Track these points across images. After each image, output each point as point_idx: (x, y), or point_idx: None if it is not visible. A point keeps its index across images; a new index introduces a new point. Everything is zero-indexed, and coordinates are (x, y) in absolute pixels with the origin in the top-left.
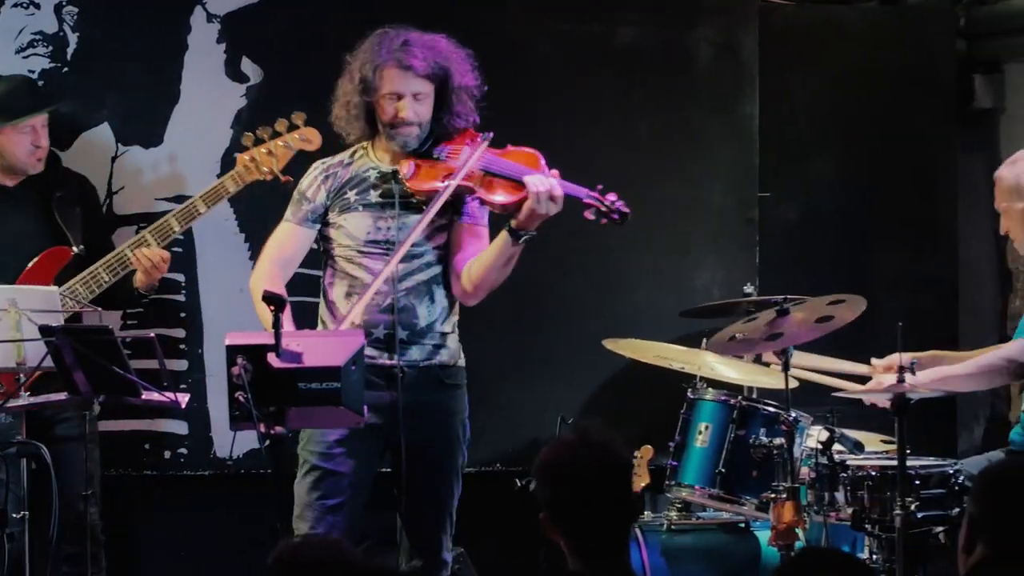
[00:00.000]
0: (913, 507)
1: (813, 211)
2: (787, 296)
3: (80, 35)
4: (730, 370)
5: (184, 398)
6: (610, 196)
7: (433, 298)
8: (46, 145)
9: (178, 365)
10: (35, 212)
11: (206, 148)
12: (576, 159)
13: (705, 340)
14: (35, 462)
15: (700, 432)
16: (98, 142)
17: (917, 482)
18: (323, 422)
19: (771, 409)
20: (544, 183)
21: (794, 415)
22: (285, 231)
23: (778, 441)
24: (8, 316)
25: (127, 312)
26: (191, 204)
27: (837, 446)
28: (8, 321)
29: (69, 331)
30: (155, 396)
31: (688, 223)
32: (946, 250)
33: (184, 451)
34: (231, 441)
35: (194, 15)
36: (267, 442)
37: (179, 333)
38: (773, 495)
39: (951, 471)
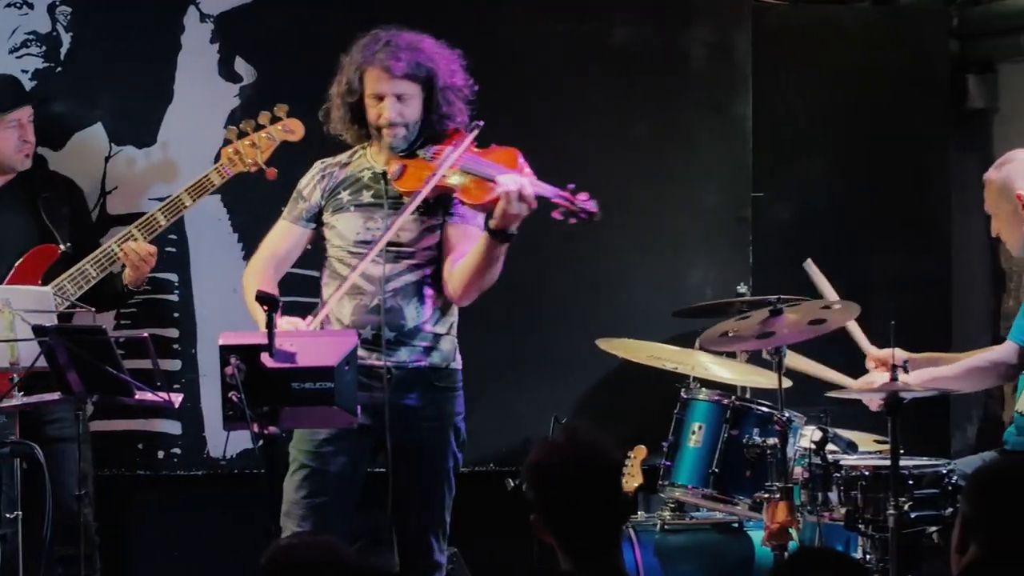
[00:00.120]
0: (906, 507)
1: (806, 211)
2: (780, 296)
3: (73, 35)
4: (723, 370)
5: (177, 398)
6: (580, 196)
7: (423, 299)
8: (33, 140)
9: (171, 365)
10: (22, 211)
11: (200, 148)
12: (570, 159)
13: (698, 340)
14: (27, 462)
15: (693, 432)
16: (91, 142)
17: (910, 482)
18: (317, 422)
19: (764, 409)
20: (515, 182)
21: (787, 415)
22: (280, 229)
23: (771, 441)
24: (2, 316)
25: (120, 312)
26: (176, 198)
27: (830, 446)
28: (2, 321)
29: (63, 331)
30: (148, 396)
31: (681, 223)
32: (939, 250)
33: (177, 451)
34: (224, 441)
35: (187, 15)
36: (260, 442)
37: (172, 333)
38: (766, 495)
39: (944, 471)
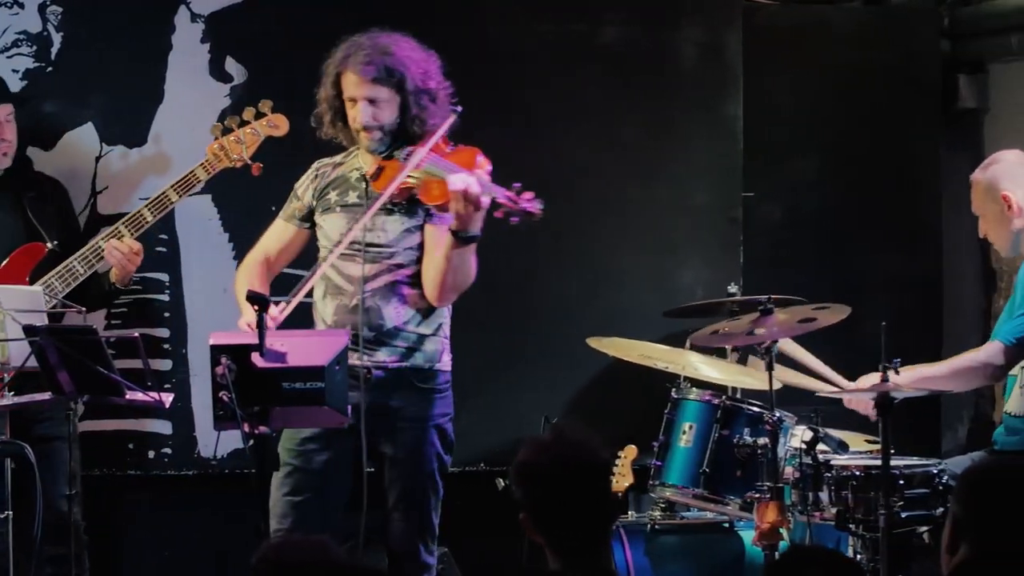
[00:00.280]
0: (897, 507)
1: (797, 211)
2: (771, 296)
3: (64, 35)
4: (714, 371)
5: (168, 398)
6: (525, 195)
7: (404, 299)
8: (12, 139)
9: (162, 365)
10: (8, 210)
11: (190, 147)
12: (560, 159)
13: (689, 339)
14: (15, 461)
15: (684, 432)
16: (82, 142)
17: (901, 482)
18: (307, 422)
19: (755, 409)
20: (462, 182)
21: (778, 415)
22: (274, 228)
23: (762, 441)
24: None
25: (111, 312)
26: (163, 194)
27: (821, 446)
28: None
29: (53, 331)
30: (139, 396)
31: (672, 223)
32: (930, 250)
33: (168, 451)
34: (215, 441)
35: (178, 15)
36: (251, 442)
37: (163, 333)
38: (757, 495)
39: (935, 471)
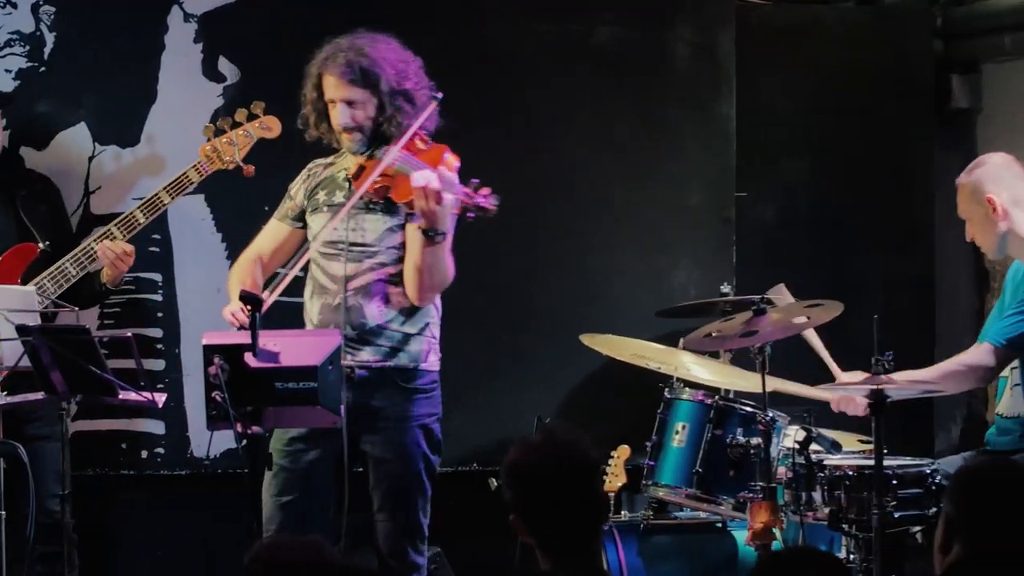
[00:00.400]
0: (890, 507)
1: (790, 211)
2: (764, 296)
3: (57, 35)
4: (706, 371)
5: (161, 398)
6: (482, 191)
7: (387, 298)
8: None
9: (155, 365)
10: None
11: (183, 147)
12: (554, 159)
13: (682, 340)
14: (7, 461)
15: (677, 432)
16: (75, 142)
17: (894, 482)
18: (300, 422)
19: (748, 409)
20: (423, 179)
21: (771, 415)
22: (268, 227)
23: (755, 441)
24: None
25: (104, 311)
26: (155, 196)
27: (814, 446)
28: None
29: (46, 331)
30: (132, 396)
31: (665, 223)
32: (923, 249)
33: (161, 451)
34: (208, 441)
35: (171, 15)
36: (244, 442)
37: (156, 333)
38: (750, 495)
39: (928, 471)
